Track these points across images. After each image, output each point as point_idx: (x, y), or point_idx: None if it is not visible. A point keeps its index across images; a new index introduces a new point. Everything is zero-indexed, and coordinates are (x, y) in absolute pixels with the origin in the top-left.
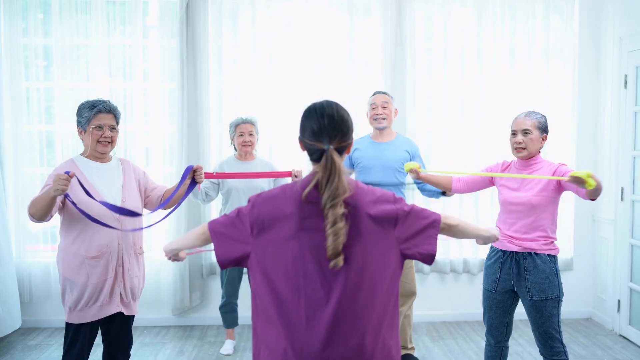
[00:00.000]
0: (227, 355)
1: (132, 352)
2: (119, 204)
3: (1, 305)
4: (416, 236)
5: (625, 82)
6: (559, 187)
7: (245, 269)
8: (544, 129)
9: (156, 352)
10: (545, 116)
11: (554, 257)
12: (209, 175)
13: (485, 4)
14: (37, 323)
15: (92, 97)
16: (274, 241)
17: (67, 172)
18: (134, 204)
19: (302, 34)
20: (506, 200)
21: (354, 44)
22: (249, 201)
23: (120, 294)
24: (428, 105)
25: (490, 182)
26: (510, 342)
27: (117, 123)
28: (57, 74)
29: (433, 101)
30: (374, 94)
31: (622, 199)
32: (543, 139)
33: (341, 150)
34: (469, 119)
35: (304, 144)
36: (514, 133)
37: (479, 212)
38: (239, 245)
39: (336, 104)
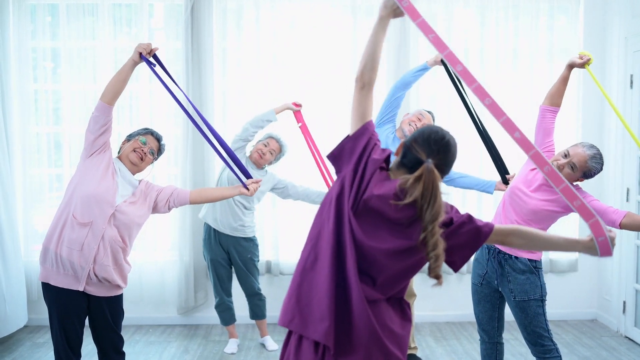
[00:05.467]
0: (232, 354)
1: (137, 349)
2: (115, 203)
3: (7, 304)
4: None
5: (631, 82)
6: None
7: (234, 270)
8: (587, 176)
9: (162, 350)
10: (601, 169)
11: (535, 260)
12: (298, 116)
13: (488, 4)
14: (45, 321)
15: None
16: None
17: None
18: (128, 212)
19: (306, 35)
20: (514, 189)
21: (357, 44)
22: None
23: (89, 274)
24: (432, 107)
25: (538, 145)
26: (515, 343)
27: (158, 154)
28: (65, 76)
29: (437, 102)
30: (425, 110)
31: (627, 200)
32: (579, 180)
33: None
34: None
35: (407, 147)
36: (565, 155)
37: (481, 208)
38: (349, 159)
39: (455, 141)
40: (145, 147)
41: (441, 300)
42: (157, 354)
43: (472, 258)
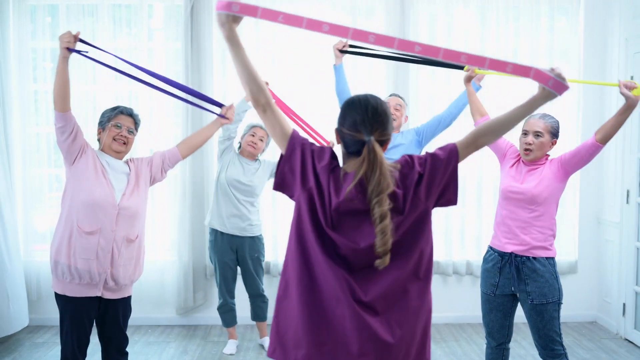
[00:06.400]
0: (230, 355)
1: (137, 350)
2: (117, 202)
3: (10, 304)
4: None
5: None
6: (563, 173)
7: (240, 271)
8: (555, 134)
9: (160, 350)
10: (558, 121)
11: (552, 259)
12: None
13: (488, 5)
14: (44, 321)
15: (99, 100)
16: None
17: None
18: (131, 204)
19: (305, 35)
20: (506, 189)
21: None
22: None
23: (106, 279)
24: (431, 107)
25: (502, 155)
26: (513, 345)
27: (136, 128)
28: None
29: (436, 102)
30: (389, 95)
31: (627, 202)
32: (552, 144)
33: (380, 144)
34: (472, 120)
35: (342, 135)
36: (525, 133)
37: (482, 209)
38: (293, 181)
39: (379, 98)
40: (123, 130)
41: (440, 302)
42: (156, 355)
43: (482, 268)
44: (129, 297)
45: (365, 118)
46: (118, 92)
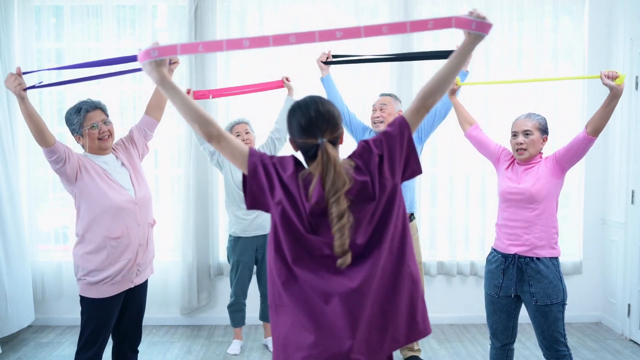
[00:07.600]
0: (234, 355)
1: (141, 349)
2: (134, 198)
3: (10, 304)
4: (404, 164)
5: (636, 84)
6: (559, 170)
7: (255, 270)
8: (544, 130)
9: (164, 351)
10: (545, 118)
11: (556, 259)
12: (200, 95)
13: (492, 5)
14: (49, 321)
15: (103, 100)
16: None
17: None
18: (144, 192)
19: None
20: (505, 191)
21: (360, 45)
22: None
23: (137, 270)
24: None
25: (496, 159)
26: (518, 346)
27: (107, 116)
28: (69, 77)
29: None
30: (380, 96)
31: (632, 202)
32: (544, 140)
33: (334, 142)
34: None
35: (296, 143)
36: (514, 134)
37: (485, 211)
38: (263, 197)
39: (319, 97)
40: (101, 127)
41: (444, 303)
42: (160, 355)
43: (485, 269)
44: (147, 282)
45: (311, 121)
46: (123, 93)
